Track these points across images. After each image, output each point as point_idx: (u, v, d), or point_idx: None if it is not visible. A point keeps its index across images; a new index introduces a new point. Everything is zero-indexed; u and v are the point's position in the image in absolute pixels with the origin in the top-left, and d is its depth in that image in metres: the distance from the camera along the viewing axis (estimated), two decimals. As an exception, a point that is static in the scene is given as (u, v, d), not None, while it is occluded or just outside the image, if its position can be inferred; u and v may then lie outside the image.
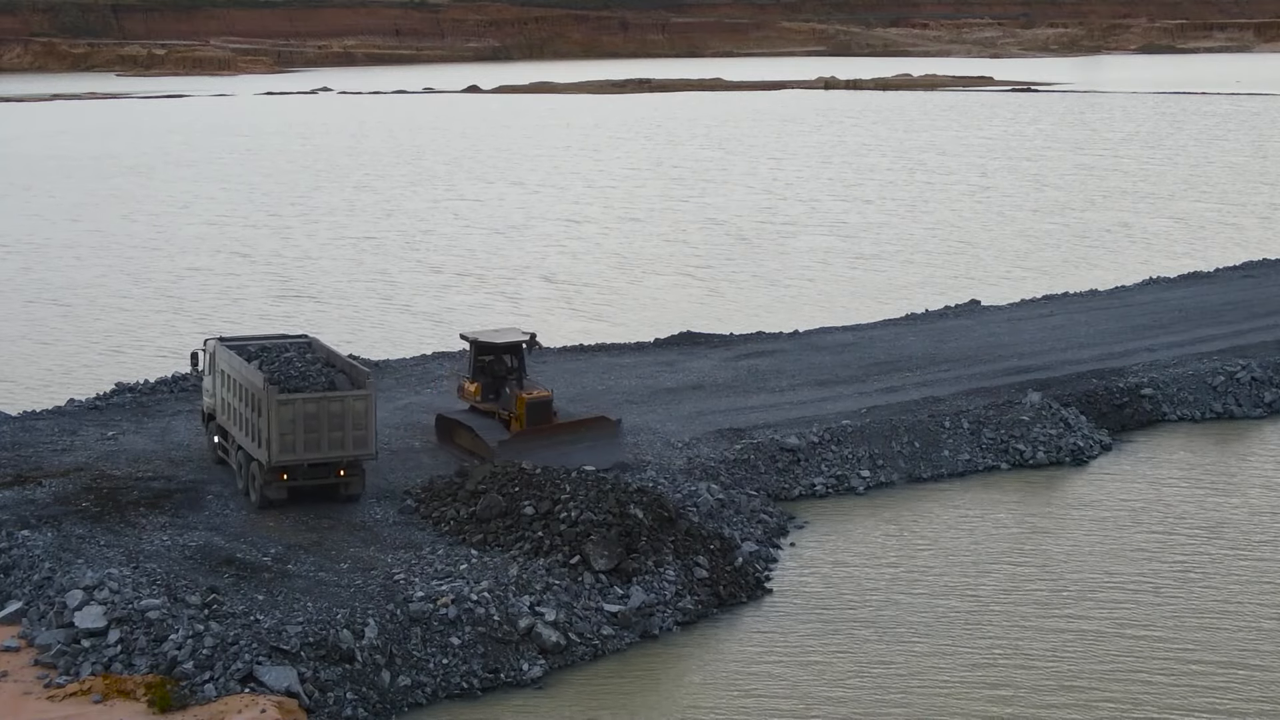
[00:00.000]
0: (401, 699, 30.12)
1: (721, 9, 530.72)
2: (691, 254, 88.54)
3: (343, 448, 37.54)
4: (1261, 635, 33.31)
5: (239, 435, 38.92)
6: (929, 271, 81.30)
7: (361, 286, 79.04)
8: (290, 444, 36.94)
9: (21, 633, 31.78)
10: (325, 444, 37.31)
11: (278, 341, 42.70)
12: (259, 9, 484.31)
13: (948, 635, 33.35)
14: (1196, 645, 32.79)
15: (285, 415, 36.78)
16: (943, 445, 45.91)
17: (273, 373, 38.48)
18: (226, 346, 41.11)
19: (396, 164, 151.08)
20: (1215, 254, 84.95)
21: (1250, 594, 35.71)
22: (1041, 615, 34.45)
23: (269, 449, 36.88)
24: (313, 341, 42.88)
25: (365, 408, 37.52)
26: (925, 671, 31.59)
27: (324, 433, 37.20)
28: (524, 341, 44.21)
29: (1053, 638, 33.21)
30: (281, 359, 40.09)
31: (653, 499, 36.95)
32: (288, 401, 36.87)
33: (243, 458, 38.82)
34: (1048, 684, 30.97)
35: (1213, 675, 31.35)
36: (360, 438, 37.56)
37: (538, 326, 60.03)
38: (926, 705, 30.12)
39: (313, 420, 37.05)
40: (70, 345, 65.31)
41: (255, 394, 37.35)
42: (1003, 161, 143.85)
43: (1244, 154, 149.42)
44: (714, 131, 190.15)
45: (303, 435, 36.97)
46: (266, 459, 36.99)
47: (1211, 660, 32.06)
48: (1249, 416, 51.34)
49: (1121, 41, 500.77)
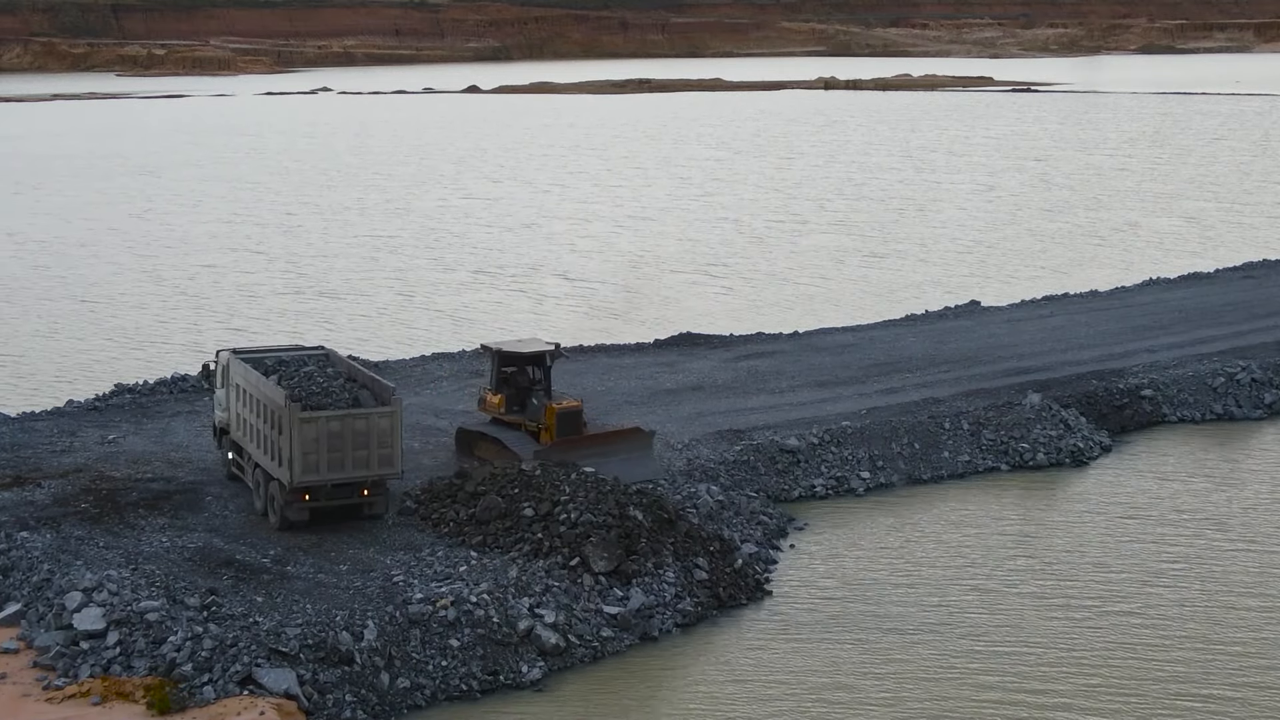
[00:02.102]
0: (401, 701, 30.08)
1: (721, 9, 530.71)
2: (704, 252, 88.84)
3: (368, 467, 35.99)
4: (1262, 636, 33.26)
5: (256, 453, 37.38)
6: (942, 270, 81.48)
7: (378, 284, 79.35)
8: (313, 464, 35.37)
9: (20, 634, 31.76)
10: (350, 463, 35.75)
11: (295, 354, 40.86)
12: (259, 9, 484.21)
13: (948, 636, 33.31)
14: (1197, 645, 32.74)
15: (308, 434, 35.17)
16: (943, 446, 45.87)
17: (294, 389, 36.84)
18: (241, 360, 39.42)
19: (403, 163, 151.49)
20: (1227, 253, 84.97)
21: (1251, 595, 35.66)
22: (1042, 616, 34.40)
23: (291, 469, 35.31)
24: (330, 353, 41.25)
25: (391, 425, 36.00)
26: (926, 673, 31.55)
27: (348, 452, 35.62)
28: (548, 352, 42.57)
29: (1053, 638, 33.16)
30: (301, 374, 38.41)
31: (652, 500, 36.92)
32: (311, 419, 35.22)
33: (260, 476, 37.28)
34: (1048, 684, 30.94)
35: (1214, 675, 31.31)
36: (386, 456, 36.06)
37: (555, 325, 60.14)
38: (927, 706, 30.08)
39: (336, 439, 35.47)
40: (90, 343, 65.61)
41: (275, 411, 35.79)
42: (1009, 161, 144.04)
43: (1250, 153, 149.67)
44: (718, 131, 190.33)
45: (326, 455, 35.39)
46: (288, 480, 35.48)
47: (1212, 661, 32.02)
48: (1249, 418, 51.29)
49: (1121, 42, 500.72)
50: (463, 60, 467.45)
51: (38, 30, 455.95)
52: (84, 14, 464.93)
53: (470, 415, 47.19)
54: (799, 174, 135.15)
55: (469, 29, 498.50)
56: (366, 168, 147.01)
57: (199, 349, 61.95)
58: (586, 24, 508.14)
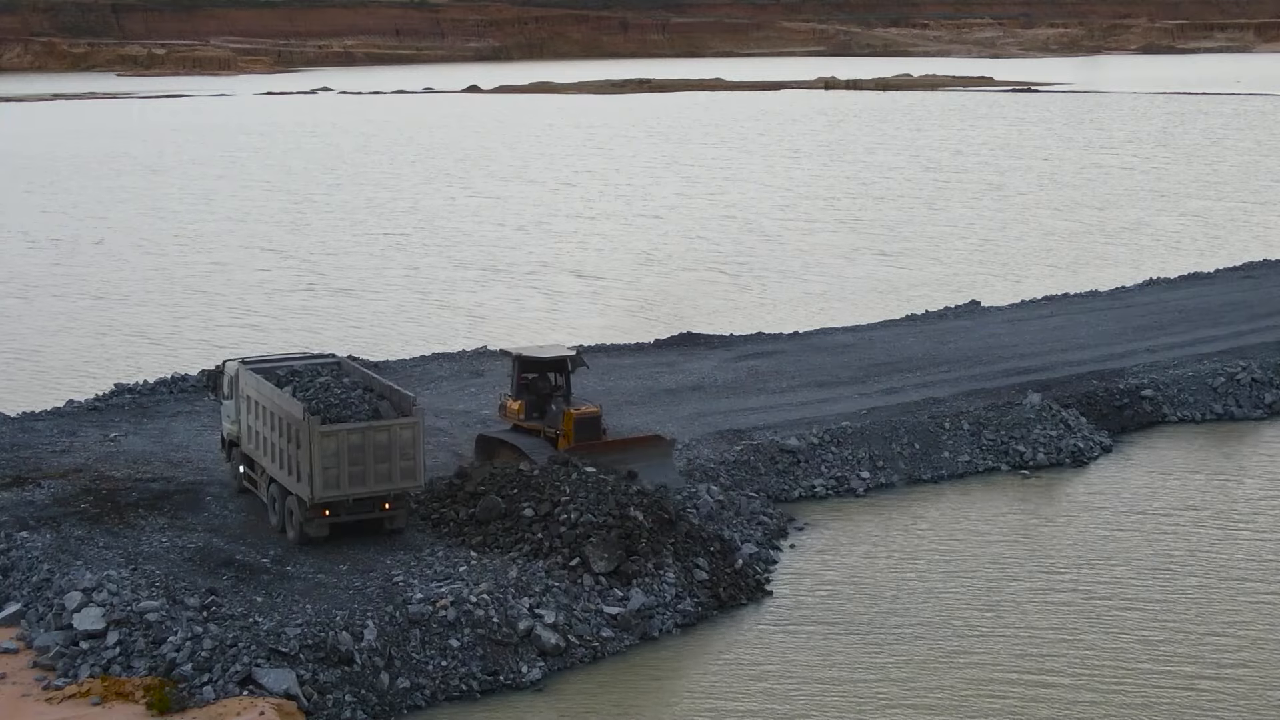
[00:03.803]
0: (400, 701, 30.05)
1: (721, 9, 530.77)
2: (716, 250, 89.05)
3: (390, 480, 34.95)
4: (1262, 637, 33.24)
5: (271, 467, 36.31)
6: (954, 269, 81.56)
7: (391, 282, 79.70)
8: (334, 479, 34.30)
9: (20, 634, 31.74)
10: (371, 477, 34.68)
11: (307, 363, 39.61)
12: (259, 9, 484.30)
13: (948, 637, 33.28)
14: (1198, 646, 32.71)
15: (328, 447, 34.08)
16: (943, 447, 45.84)
17: (311, 401, 35.52)
18: (252, 370, 38.21)
19: (411, 162, 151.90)
20: (1237, 252, 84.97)
21: (1251, 594, 35.65)
22: (1041, 617, 34.38)
23: (311, 485, 34.23)
24: (342, 362, 40.13)
25: (413, 436, 34.90)
26: (926, 673, 31.53)
27: (369, 465, 34.55)
28: (569, 357, 41.76)
29: (1053, 639, 33.14)
30: (317, 384, 36.91)
31: (653, 501, 36.84)
32: (331, 433, 34.12)
33: (276, 491, 36.22)
34: (1048, 685, 30.91)
35: (1215, 676, 31.28)
36: (408, 469, 35.02)
37: (572, 324, 60.17)
38: (927, 706, 30.06)
39: (357, 452, 34.36)
40: (110, 339, 66.04)
41: (292, 424, 34.77)
42: (1016, 160, 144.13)
43: (1256, 152, 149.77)
44: (722, 131, 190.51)
45: (347, 468, 34.34)
46: (309, 495, 34.41)
47: (1213, 662, 31.99)
48: (1249, 418, 51.26)
49: (1122, 41, 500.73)
50: (462, 60, 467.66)
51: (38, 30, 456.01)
52: (84, 14, 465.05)
53: (471, 415, 47.27)
54: (806, 173, 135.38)
55: (469, 29, 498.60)
56: (373, 167, 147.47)
57: (216, 345, 62.46)
58: (586, 24, 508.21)
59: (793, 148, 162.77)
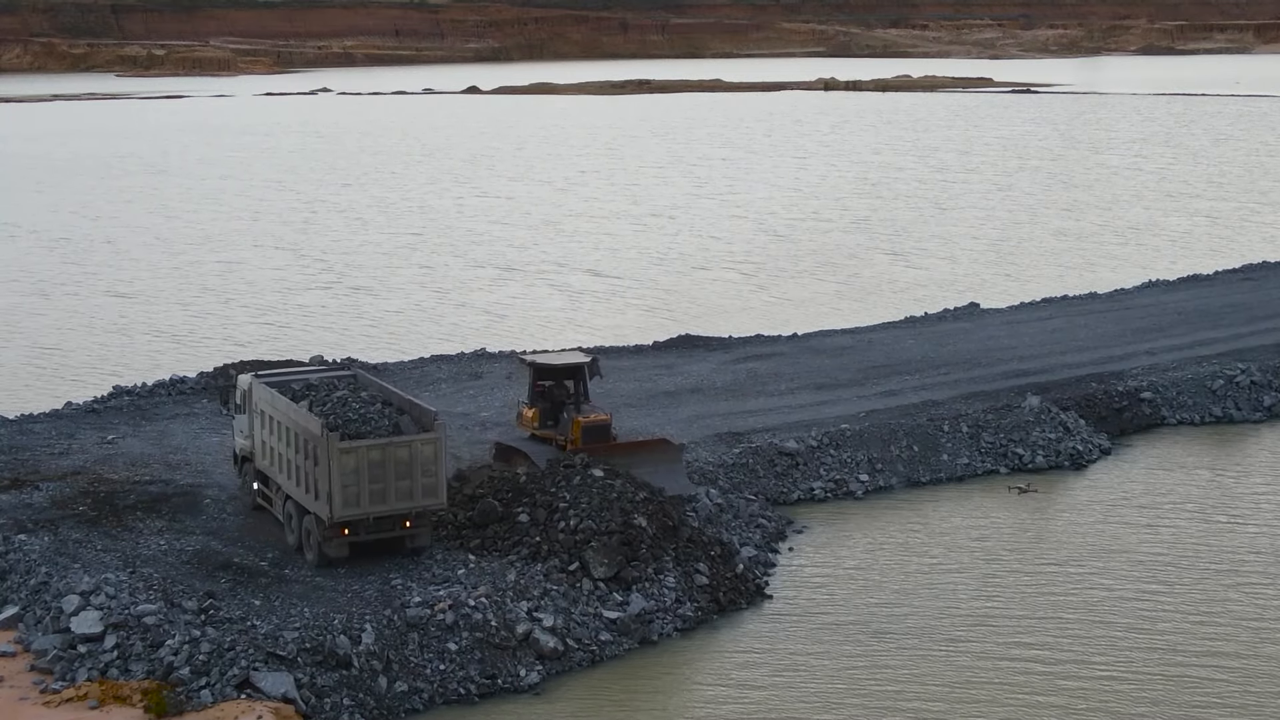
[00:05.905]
0: (398, 705, 30.01)
1: (721, 10, 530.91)
2: (727, 250, 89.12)
3: (411, 498, 33.80)
4: (1261, 637, 33.22)
5: (288, 485, 35.32)
6: (966, 269, 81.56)
7: (408, 281, 79.87)
8: (354, 497, 33.15)
9: (17, 638, 31.71)
10: (392, 495, 33.57)
11: (322, 377, 38.50)
12: (259, 9, 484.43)
13: (947, 639, 33.25)
14: (1198, 647, 32.68)
15: (348, 465, 32.94)
16: (941, 449, 45.80)
17: (329, 416, 34.32)
18: (266, 384, 37.23)
19: (418, 162, 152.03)
20: (1246, 253, 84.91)
21: (1251, 594, 35.62)
22: (1041, 617, 34.34)
23: (330, 503, 33.14)
24: (358, 375, 39.00)
25: (434, 452, 33.77)
26: (925, 675, 31.49)
27: (390, 482, 33.47)
28: (584, 364, 40.81)
29: (1052, 640, 33.10)
30: (334, 399, 35.57)
31: (656, 507, 36.60)
32: (350, 449, 33.02)
33: (293, 509, 35.22)
34: (1048, 686, 30.88)
35: (1215, 676, 31.25)
36: (430, 485, 33.93)
37: (591, 323, 60.10)
38: (926, 709, 30.03)
39: (378, 469, 33.27)
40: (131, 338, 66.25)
41: (310, 441, 33.75)
42: (1022, 161, 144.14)
43: (1262, 153, 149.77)
44: (727, 131, 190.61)
45: (367, 486, 33.24)
46: (328, 514, 33.32)
47: (1214, 663, 31.95)
48: (1248, 420, 51.23)
49: (1121, 42, 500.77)
50: (462, 61, 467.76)
51: (38, 30, 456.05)
52: (84, 14, 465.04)
53: (470, 418, 47.25)
54: (814, 173, 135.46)
55: (468, 29, 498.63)
56: (380, 167, 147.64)
57: (236, 343, 62.75)
58: (586, 25, 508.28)
59: (799, 148, 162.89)
